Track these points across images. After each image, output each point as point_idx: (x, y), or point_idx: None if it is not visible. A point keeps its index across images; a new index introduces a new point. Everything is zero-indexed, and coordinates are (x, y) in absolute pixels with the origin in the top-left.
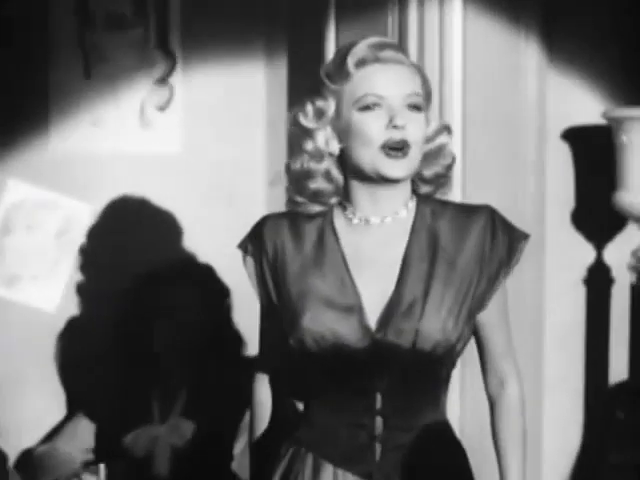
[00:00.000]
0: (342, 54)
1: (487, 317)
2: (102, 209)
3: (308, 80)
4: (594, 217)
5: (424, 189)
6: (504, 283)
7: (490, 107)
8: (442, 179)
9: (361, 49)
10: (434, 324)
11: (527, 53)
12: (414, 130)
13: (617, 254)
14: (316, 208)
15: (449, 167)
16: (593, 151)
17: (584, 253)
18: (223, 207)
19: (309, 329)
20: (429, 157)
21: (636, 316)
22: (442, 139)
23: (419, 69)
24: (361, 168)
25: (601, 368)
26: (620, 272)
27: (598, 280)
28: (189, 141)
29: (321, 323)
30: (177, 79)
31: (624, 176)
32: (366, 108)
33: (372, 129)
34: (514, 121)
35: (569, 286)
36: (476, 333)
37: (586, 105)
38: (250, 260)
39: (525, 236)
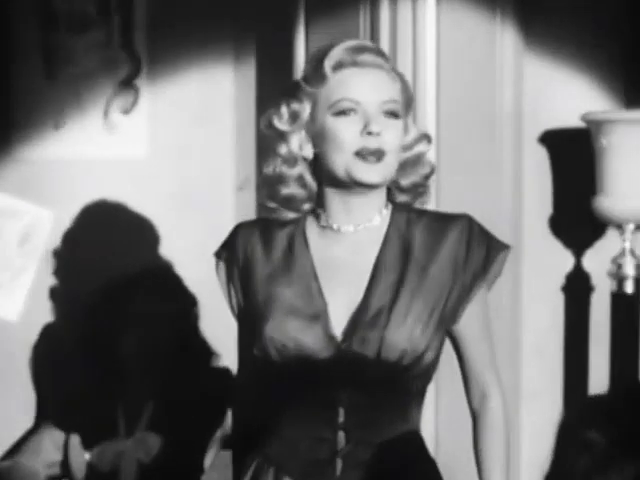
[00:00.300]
0: (319, 56)
1: (466, 329)
2: (70, 216)
3: (277, 82)
4: (573, 223)
5: (401, 198)
6: (483, 294)
7: (465, 109)
8: (420, 188)
9: (339, 52)
10: (400, 332)
11: (504, 54)
12: (390, 138)
13: (596, 261)
14: (289, 214)
15: (427, 177)
16: (571, 155)
17: (562, 260)
18: (190, 213)
19: (271, 338)
20: (406, 166)
21: (616, 325)
22: (421, 147)
23: (400, 75)
24: (335, 174)
25: (580, 378)
26: (600, 280)
27: (577, 288)
28: (155, 145)
29: (284, 332)
30: (143, 81)
31: (603, 181)
32: (341, 113)
33: (346, 135)
34: (490, 123)
35: (547, 294)
36: (456, 346)
37: (566, 105)
38: (222, 268)
39: (504, 247)
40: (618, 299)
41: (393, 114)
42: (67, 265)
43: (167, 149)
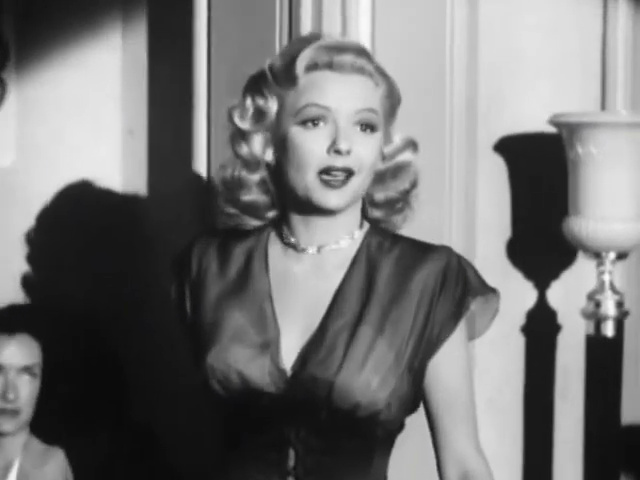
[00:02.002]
0: (292, 53)
1: (441, 386)
2: None
3: (170, 68)
4: (536, 249)
5: (375, 214)
6: (462, 344)
7: (409, 109)
8: (397, 204)
9: (314, 51)
10: (354, 381)
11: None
12: (362, 154)
13: (565, 296)
14: (252, 222)
15: (406, 192)
16: (536, 166)
17: (522, 294)
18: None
19: (212, 368)
20: (385, 178)
21: (592, 375)
22: (404, 157)
23: (386, 77)
24: (294, 192)
25: (545, 438)
26: (569, 318)
27: (540, 328)
28: (25, 148)
29: (226, 361)
30: (10, 73)
31: (578, 198)
32: (307, 122)
33: (311, 150)
34: (436, 125)
35: (504, 336)
36: (427, 409)
37: (530, 106)
38: (174, 280)
39: (486, 290)
40: (595, 344)
41: (369, 126)
42: None
43: (39, 153)
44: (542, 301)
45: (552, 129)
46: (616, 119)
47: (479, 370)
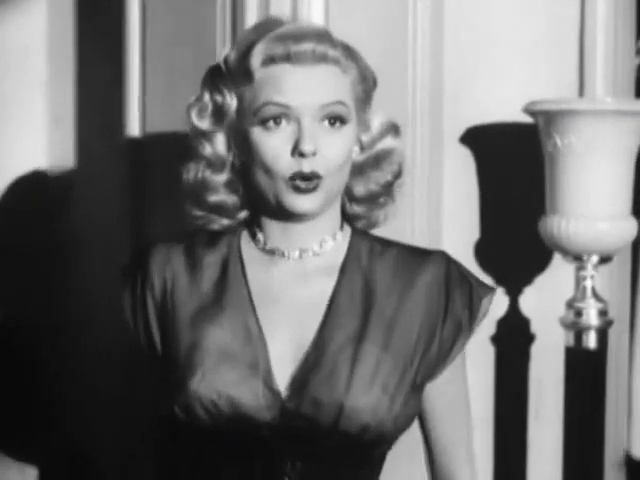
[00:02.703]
0: (245, 46)
1: (439, 400)
2: None
3: (100, 48)
4: (507, 251)
5: (355, 209)
6: (462, 356)
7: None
8: (380, 198)
9: (268, 43)
10: (364, 402)
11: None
12: (332, 153)
13: (539, 302)
14: (222, 221)
15: (389, 184)
16: (508, 159)
17: (493, 300)
18: None
19: (198, 394)
20: (365, 168)
21: (572, 390)
22: (385, 143)
23: (356, 60)
24: (263, 197)
25: (515, 459)
26: (543, 327)
27: (512, 338)
28: None
29: (214, 386)
30: None
31: (555, 194)
32: (267, 122)
33: (275, 157)
34: (398, 120)
35: (472, 346)
36: (424, 427)
37: (502, 92)
38: (127, 296)
39: (488, 290)
40: (575, 356)
41: (339, 119)
42: None
43: None
44: (514, 308)
45: (526, 118)
46: (601, 107)
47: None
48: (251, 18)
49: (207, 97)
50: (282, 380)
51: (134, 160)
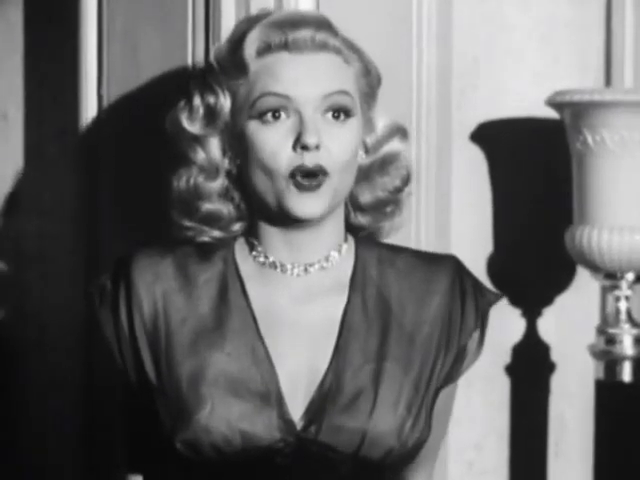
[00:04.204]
0: (237, 35)
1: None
2: None
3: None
4: (526, 267)
5: (360, 220)
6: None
7: None
8: (388, 207)
9: (263, 30)
10: (389, 425)
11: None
12: (337, 147)
13: (561, 326)
14: (213, 233)
15: (397, 190)
16: (526, 159)
17: (508, 323)
18: None
19: (207, 429)
20: (371, 173)
21: (603, 428)
22: (391, 146)
23: (358, 52)
24: (264, 200)
25: None
26: (566, 355)
27: (529, 367)
28: None
29: (226, 420)
30: None
31: (585, 201)
32: (265, 116)
33: (275, 153)
34: (402, 117)
35: (484, 377)
36: None
37: (520, 83)
38: (107, 315)
39: (496, 298)
40: (607, 390)
41: (343, 111)
42: None
43: None
44: (532, 333)
45: (546, 111)
46: None
47: (453, 421)
48: None
49: (198, 99)
50: (296, 409)
51: (90, 163)
